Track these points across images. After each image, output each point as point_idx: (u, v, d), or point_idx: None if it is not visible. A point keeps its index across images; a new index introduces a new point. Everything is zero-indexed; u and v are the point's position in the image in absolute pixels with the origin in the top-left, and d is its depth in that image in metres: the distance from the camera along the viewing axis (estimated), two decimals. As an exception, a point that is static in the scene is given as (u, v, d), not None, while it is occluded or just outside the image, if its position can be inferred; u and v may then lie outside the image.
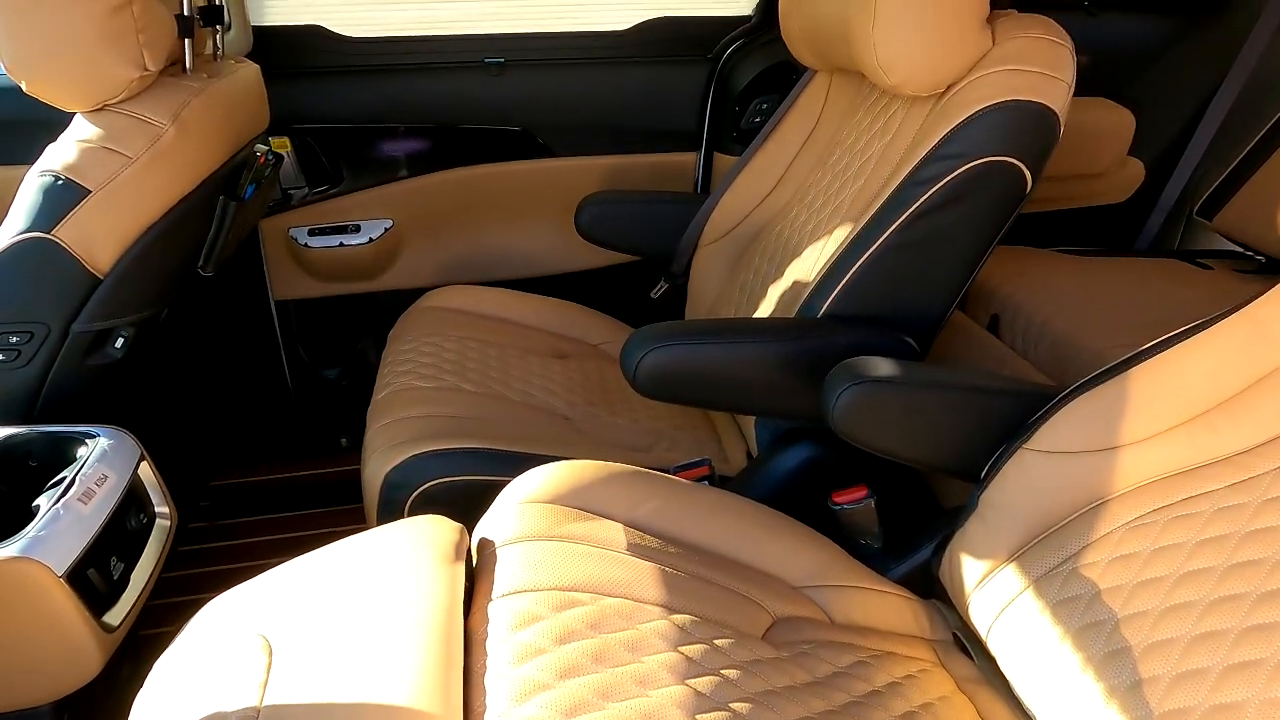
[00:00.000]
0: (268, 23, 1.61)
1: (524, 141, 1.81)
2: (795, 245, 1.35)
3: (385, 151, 1.75)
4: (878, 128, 1.27)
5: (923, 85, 1.10)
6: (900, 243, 1.09)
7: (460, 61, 1.72)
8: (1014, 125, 1.04)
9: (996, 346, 1.53)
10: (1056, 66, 1.06)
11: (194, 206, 1.14)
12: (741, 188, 1.52)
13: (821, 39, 1.30)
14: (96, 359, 1.13)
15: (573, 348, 1.59)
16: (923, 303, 1.14)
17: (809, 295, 1.15)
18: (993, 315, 1.62)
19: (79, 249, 1.04)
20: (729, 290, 1.50)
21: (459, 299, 1.60)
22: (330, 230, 1.77)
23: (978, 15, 1.06)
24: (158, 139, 1.05)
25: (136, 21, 1.01)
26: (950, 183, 1.06)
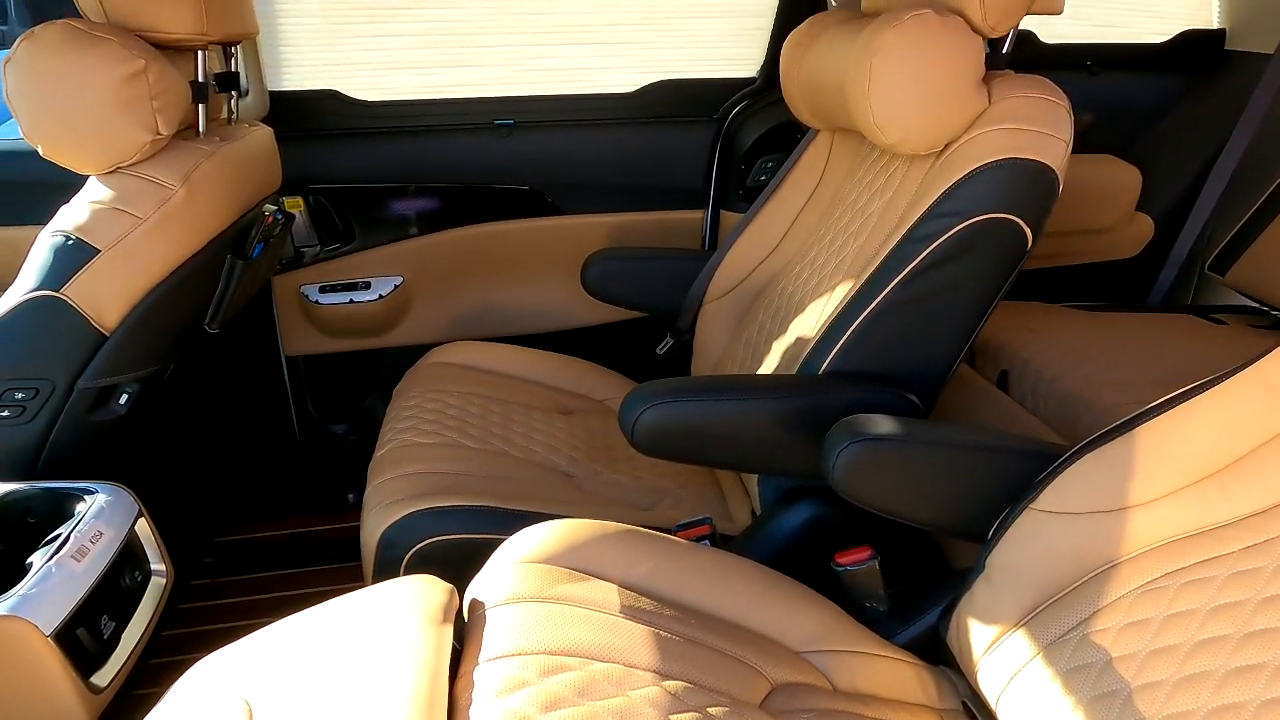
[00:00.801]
0: (285, 87, 1.66)
1: (533, 200, 1.84)
2: (799, 301, 1.35)
3: (396, 210, 1.79)
4: (879, 185, 1.28)
5: (919, 145, 1.10)
6: (900, 299, 1.09)
7: (471, 123, 1.76)
8: (1012, 183, 1.04)
9: (1005, 403, 1.51)
10: (1053, 125, 1.06)
11: (202, 265, 1.16)
12: (746, 245, 1.53)
13: (820, 100, 1.32)
14: (100, 415, 1.14)
15: (577, 403, 1.58)
16: (925, 360, 1.13)
17: (809, 352, 1.14)
18: (1002, 371, 1.60)
19: (87, 307, 1.06)
20: (734, 346, 1.49)
21: (465, 355, 1.60)
22: (341, 287, 1.80)
23: (972, 76, 1.07)
24: (167, 200, 1.08)
25: (151, 88, 1.05)
26: (949, 240, 1.06)
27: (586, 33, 1.73)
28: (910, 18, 1.05)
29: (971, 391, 1.57)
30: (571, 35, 1.72)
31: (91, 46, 1.01)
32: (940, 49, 1.05)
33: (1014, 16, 1.09)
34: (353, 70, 1.68)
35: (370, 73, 1.68)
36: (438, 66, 1.70)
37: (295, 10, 1.58)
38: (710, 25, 1.78)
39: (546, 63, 1.75)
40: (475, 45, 1.69)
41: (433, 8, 1.63)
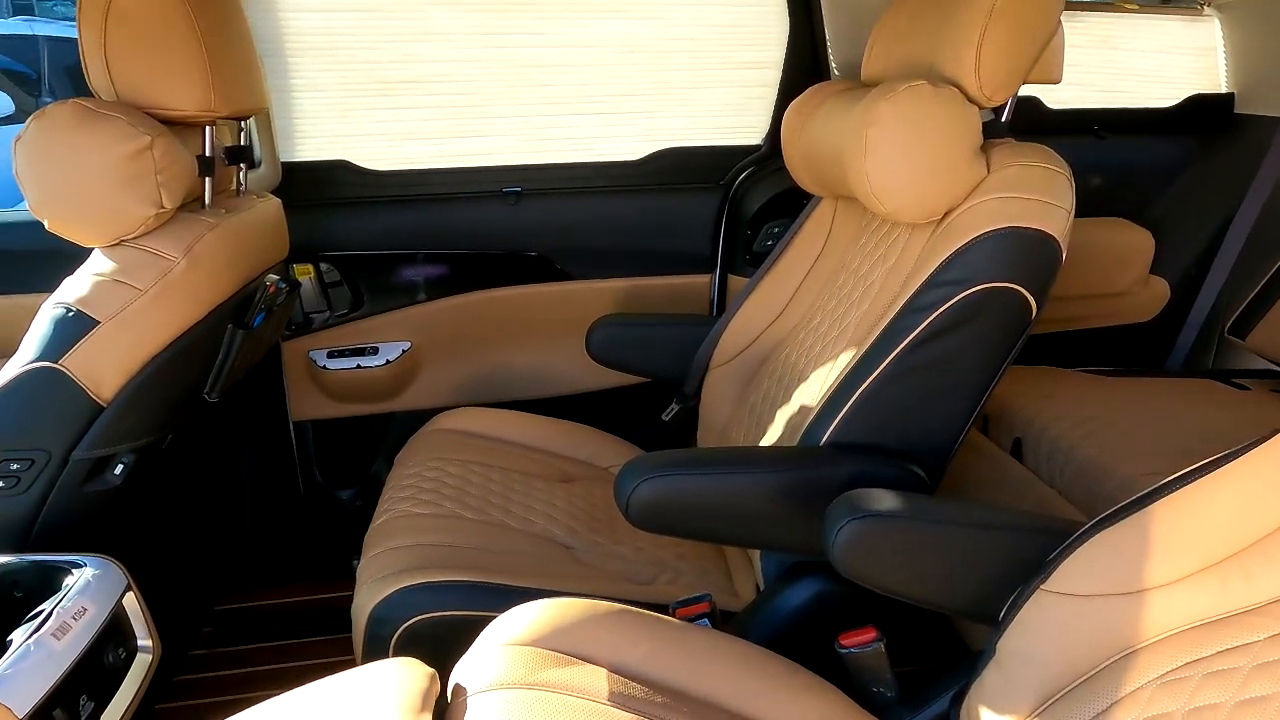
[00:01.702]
0: (298, 158, 1.70)
1: (541, 266, 1.85)
2: (802, 369, 1.33)
3: (405, 276, 1.80)
4: (880, 252, 1.27)
5: (916, 214, 1.10)
6: (903, 369, 1.07)
7: (480, 191, 1.79)
8: (1012, 251, 1.03)
9: (1020, 472, 1.47)
10: (1053, 193, 1.05)
11: (202, 335, 1.16)
12: (750, 311, 1.52)
13: (821, 168, 1.33)
14: (95, 485, 1.13)
15: (580, 471, 1.56)
16: (930, 431, 1.10)
17: (811, 423, 1.12)
18: (1016, 439, 1.56)
19: (84, 378, 1.06)
20: (739, 413, 1.47)
21: (468, 421, 1.59)
22: (349, 352, 1.80)
23: (969, 146, 1.07)
24: (168, 271, 1.09)
25: (156, 164, 1.07)
26: (950, 309, 1.04)
27: (593, 102, 1.76)
28: (905, 89, 1.06)
29: (984, 460, 1.53)
30: (579, 105, 1.75)
31: (98, 124, 1.03)
32: (935, 120, 1.05)
33: (1010, 87, 1.09)
34: (365, 140, 1.71)
35: (382, 143, 1.72)
36: (448, 136, 1.73)
37: (310, 84, 1.63)
38: (715, 94, 1.80)
39: (554, 132, 1.77)
40: (485, 115, 1.73)
41: (444, 80, 1.67)
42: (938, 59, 1.11)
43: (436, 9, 1.60)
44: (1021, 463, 1.52)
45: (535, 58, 1.68)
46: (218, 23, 1.16)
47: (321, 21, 1.57)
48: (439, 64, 1.65)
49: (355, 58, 1.62)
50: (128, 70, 1.10)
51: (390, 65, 1.64)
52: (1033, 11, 1.05)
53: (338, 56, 1.61)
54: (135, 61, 1.09)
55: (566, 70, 1.71)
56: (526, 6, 1.63)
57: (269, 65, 1.58)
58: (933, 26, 1.14)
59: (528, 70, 1.69)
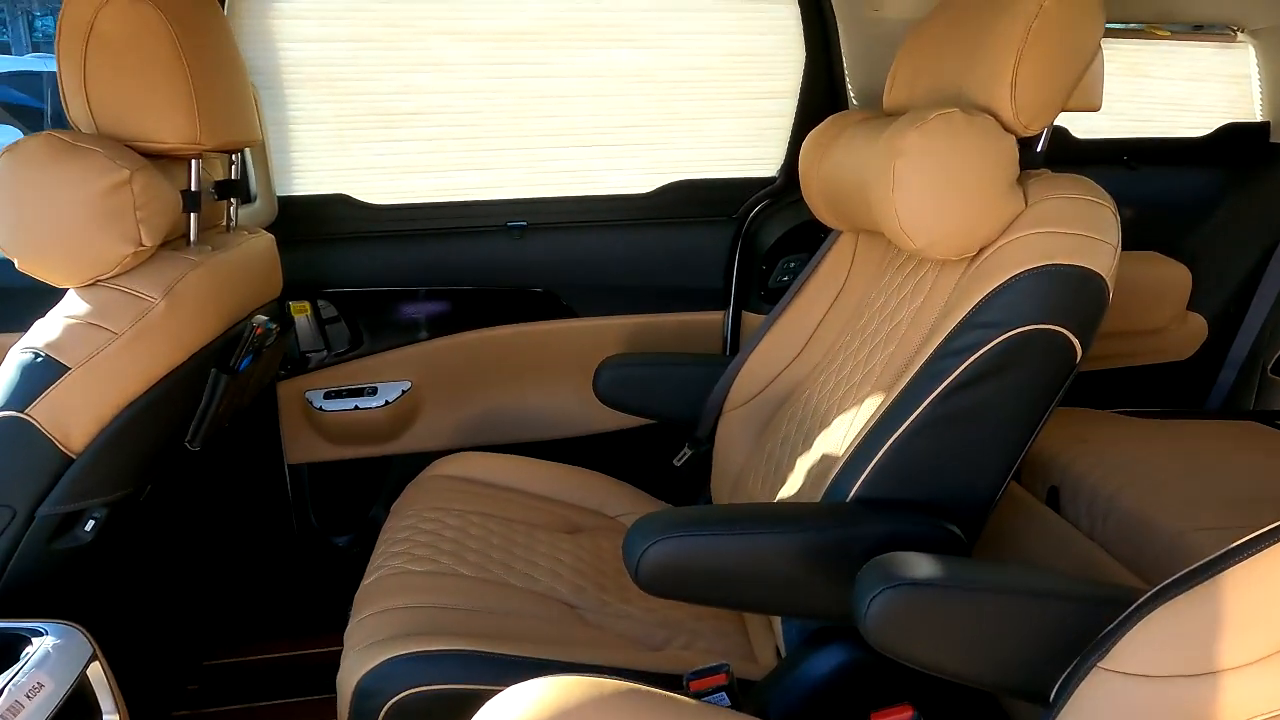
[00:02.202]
0: (296, 192, 1.64)
1: (547, 303, 1.78)
2: (824, 414, 1.24)
3: (406, 314, 1.73)
4: (907, 291, 1.19)
5: (949, 250, 1.02)
6: (936, 418, 0.98)
7: (483, 226, 1.72)
8: (1055, 291, 0.94)
9: (1057, 523, 1.37)
10: (1097, 227, 0.97)
11: (183, 380, 1.09)
12: (767, 350, 1.44)
13: (842, 202, 1.25)
14: (63, 543, 1.05)
15: (587, 520, 1.47)
16: (967, 485, 1.01)
17: (836, 476, 1.03)
18: (1051, 487, 1.46)
19: (52, 428, 0.99)
20: (756, 459, 1.38)
21: (468, 466, 1.51)
22: (346, 393, 1.73)
23: (1006, 177, 0.99)
24: (146, 313, 1.02)
25: (135, 199, 1.00)
26: (988, 353, 0.96)
27: (601, 134, 1.70)
28: (935, 117, 0.98)
29: (1018, 510, 1.43)
30: (586, 136, 1.69)
31: (73, 158, 0.97)
32: (969, 150, 0.97)
33: (1048, 114, 1.01)
34: (365, 174, 1.65)
35: (382, 176, 1.66)
36: (450, 169, 1.68)
37: (308, 116, 1.57)
38: (728, 125, 1.74)
39: (560, 164, 1.71)
40: (488, 148, 1.67)
41: (446, 111, 1.62)
42: (969, 85, 1.04)
43: (438, 39, 1.55)
44: (1058, 512, 1.42)
45: (540, 88, 1.63)
46: (206, 52, 1.10)
47: (320, 52, 1.52)
48: (441, 95, 1.60)
49: (355, 89, 1.56)
50: (108, 101, 1.04)
51: (391, 97, 1.58)
52: (1072, 33, 0.98)
53: (337, 88, 1.56)
54: (116, 92, 1.03)
55: (573, 101, 1.65)
56: (531, 36, 1.58)
57: (266, 97, 1.53)
58: (963, 51, 1.07)
59: (532, 101, 1.64)
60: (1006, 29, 0.98)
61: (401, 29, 1.52)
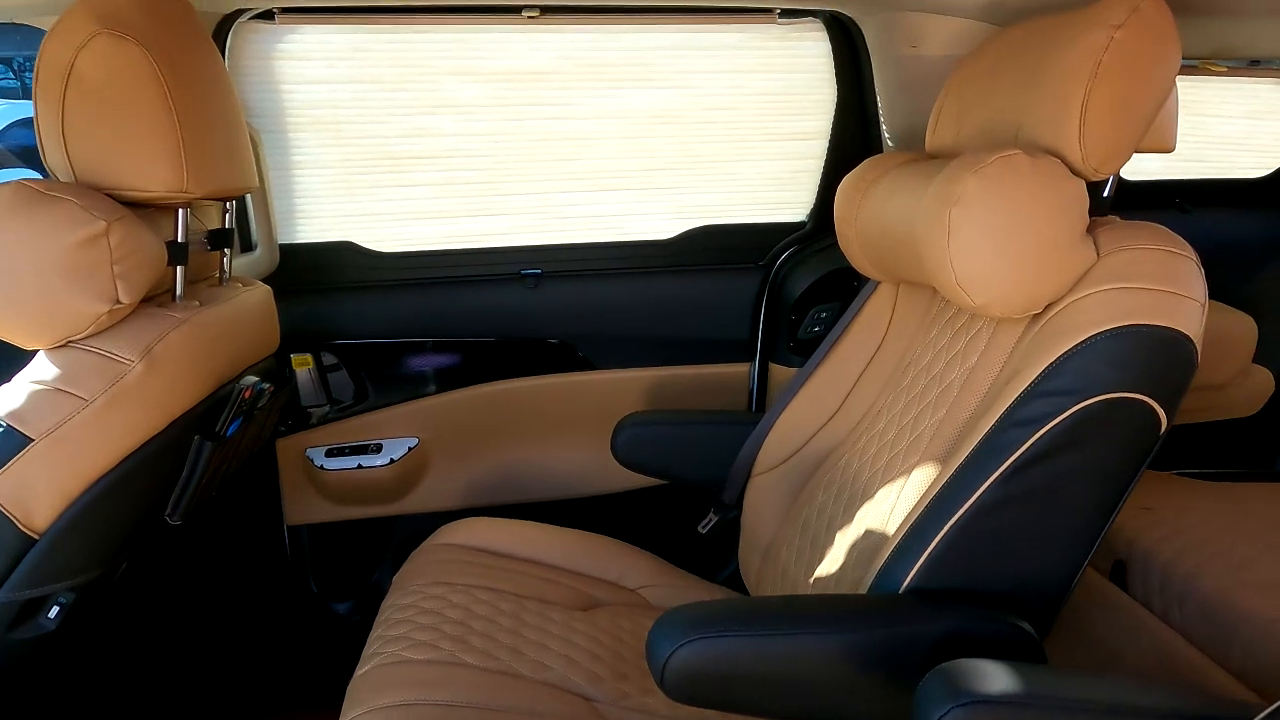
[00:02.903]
0: (299, 240, 1.56)
1: (562, 354, 1.68)
2: (866, 483, 1.13)
3: (413, 367, 1.64)
4: (958, 349, 1.08)
5: (1012, 307, 0.91)
6: (1002, 498, 0.86)
7: (496, 274, 1.63)
8: (1137, 355, 0.83)
9: (1126, 605, 1.24)
10: (1182, 282, 0.86)
11: (162, 449, 0.99)
12: (800, 408, 1.33)
13: (885, 252, 1.15)
14: (24, 632, 0.95)
15: (605, 593, 1.35)
16: (1038, 574, 0.89)
17: (887, 562, 0.91)
18: (1116, 561, 1.33)
19: (12, 506, 0.89)
20: (788, 530, 1.26)
21: (476, 533, 1.40)
22: (349, 450, 1.63)
23: (1074, 226, 0.89)
24: (120, 377, 0.92)
25: (113, 252, 0.91)
26: (1060, 425, 0.84)
27: (621, 178, 1.61)
28: (996, 160, 0.88)
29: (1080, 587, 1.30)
30: (604, 181, 1.61)
31: (44, 208, 0.89)
32: (1034, 196, 0.87)
33: (1120, 156, 0.91)
34: (372, 220, 1.57)
35: (390, 222, 1.58)
36: (461, 215, 1.59)
37: (312, 161, 1.50)
38: (754, 168, 1.65)
39: (577, 209, 1.62)
40: (501, 193, 1.58)
41: (457, 155, 1.54)
42: (1029, 124, 0.94)
43: (449, 79, 1.47)
44: (1125, 590, 1.29)
45: (556, 130, 1.54)
46: (197, 94, 1.02)
47: (326, 94, 1.44)
48: (452, 138, 1.52)
49: (362, 132, 1.49)
50: (87, 146, 0.96)
51: (399, 140, 1.51)
52: (1147, 66, 0.88)
53: (343, 131, 1.48)
54: (96, 137, 0.95)
55: (591, 143, 1.57)
56: (546, 76, 1.50)
57: (269, 141, 1.46)
58: (1020, 87, 0.97)
59: (548, 143, 1.55)
60: (1073, 62, 0.89)
61: (411, 69, 1.45)
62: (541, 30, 1.46)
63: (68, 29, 0.94)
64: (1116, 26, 0.87)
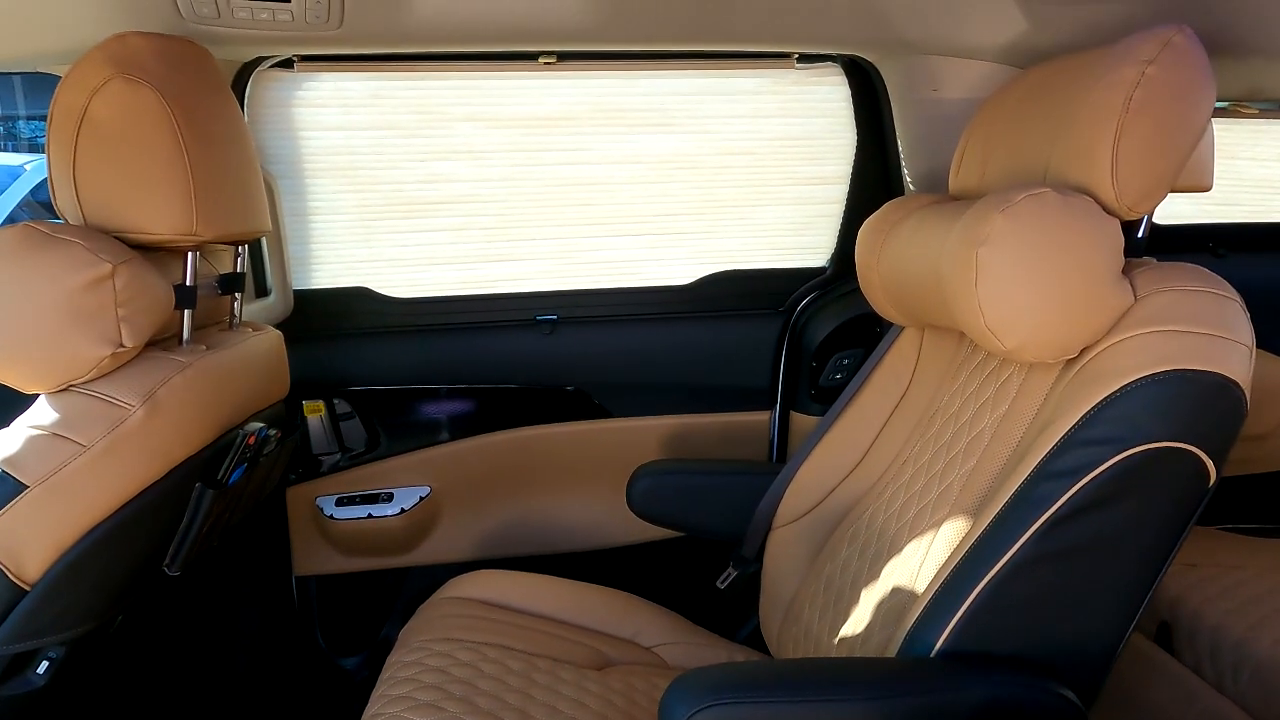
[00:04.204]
0: (313, 285, 1.55)
1: (578, 402, 1.64)
2: (893, 538, 1.07)
3: (426, 414, 1.61)
4: (988, 396, 1.03)
5: (1045, 352, 0.86)
6: (1039, 556, 0.81)
7: (511, 320, 1.61)
8: (1182, 402, 0.78)
9: (1175, 671, 1.16)
10: (1228, 325, 0.81)
11: (162, 497, 0.96)
12: (822, 459, 1.28)
13: (909, 296, 1.11)
14: (11, 688, 0.91)
15: (619, 652, 1.29)
16: (1080, 637, 0.82)
17: (917, 622, 0.85)
18: (1161, 623, 1.25)
19: (3, 555, 0.86)
20: (811, 585, 1.21)
21: (487, 586, 1.35)
22: (360, 499, 1.59)
23: (1110, 266, 0.84)
24: (120, 422, 0.90)
25: (118, 296, 0.90)
26: (1101, 477, 0.79)
27: (638, 223, 1.59)
28: (1025, 198, 0.84)
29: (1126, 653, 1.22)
30: (621, 226, 1.59)
31: (48, 250, 0.87)
32: (1066, 234, 0.83)
33: (1156, 195, 0.87)
34: (387, 266, 1.56)
35: (406, 268, 1.56)
36: (477, 260, 1.58)
37: (329, 206, 1.49)
38: (774, 212, 1.62)
39: (594, 255, 1.60)
40: (517, 238, 1.57)
41: (473, 200, 1.53)
42: (1059, 163, 0.91)
43: (465, 125, 1.47)
44: (1173, 655, 1.21)
45: (573, 175, 1.53)
46: (211, 138, 1.02)
47: (343, 140, 1.44)
48: (468, 183, 1.51)
49: (378, 178, 1.49)
50: (97, 189, 0.95)
51: (416, 185, 1.50)
52: (1181, 102, 0.84)
53: (359, 177, 1.48)
54: (106, 180, 0.95)
55: (608, 188, 1.55)
56: (562, 122, 1.49)
57: (285, 187, 1.46)
58: (1048, 125, 0.94)
59: (564, 189, 1.54)
60: (1103, 99, 0.85)
61: (427, 116, 1.45)
62: (558, 76, 1.46)
63: (83, 73, 0.95)
64: (1148, 62, 0.84)
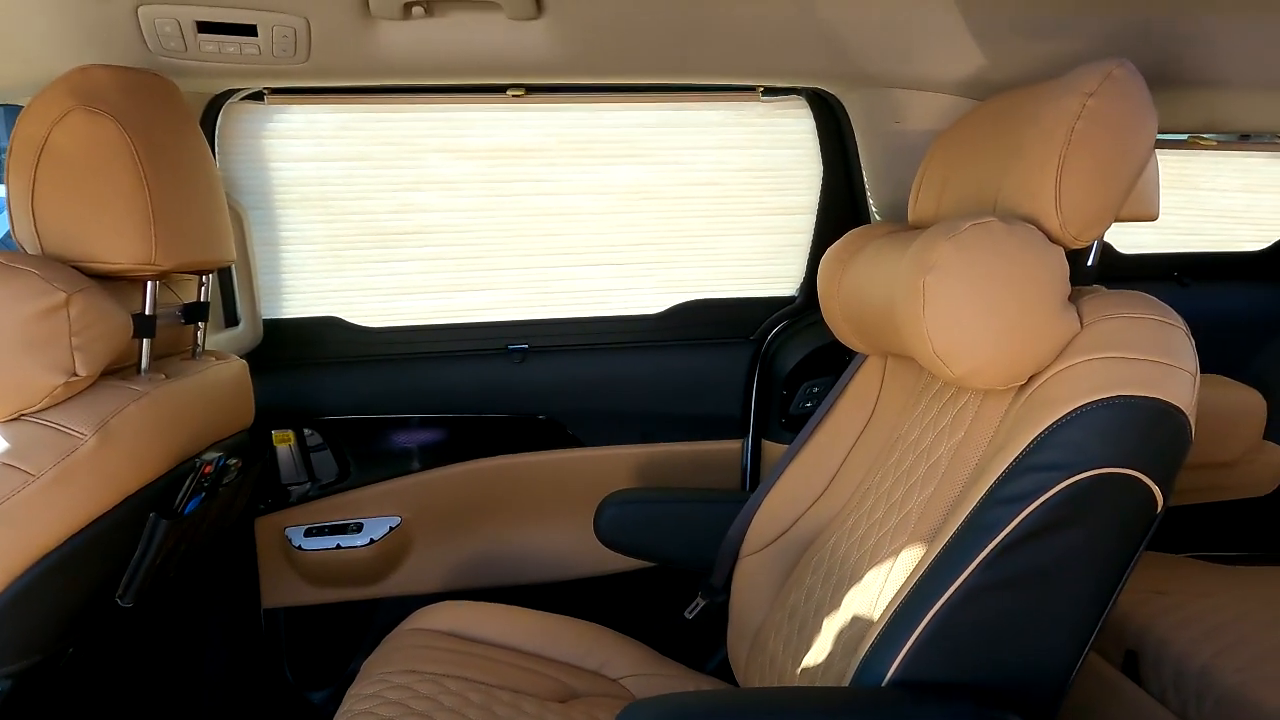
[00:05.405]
0: (284, 315, 1.55)
1: (550, 431, 1.64)
2: (854, 566, 1.07)
3: (397, 443, 1.60)
4: (945, 423, 1.04)
5: (994, 379, 0.87)
6: (989, 582, 0.81)
7: (481, 349, 1.62)
8: (1128, 427, 0.79)
9: (1140, 700, 1.15)
10: (1172, 352, 0.82)
11: (115, 526, 0.96)
12: (788, 486, 1.28)
13: (867, 324, 1.12)
14: (-47, 723, 0.90)
15: (584, 684, 1.28)
16: (1031, 664, 0.82)
17: (869, 651, 0.85)
18: (1128, 651, 1.24)
19: (-53, 586, 0.85)
20: (777, 615, 1.20)
21: (453, 618, 1.34)
22: (328, 530, 1.58)
23: (1055, 293, 0.85)
24: (72, 451, 0.90)
25: (72, 325, 0.90)
26: (1048, 502, 0.79)
27: (608, 253, 1.61)
28: (970, 227, 0.86)
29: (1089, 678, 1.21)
30: (591, 255, 1.60)
31: (2, 279, 0.88)
32: (1011, 262, 0.84)
33: (1100, 224, 0.88)
34: (358, 296, 1.56)
35: (376, 298, 1.57)
36: (447, 290, 1.58)
37: (299, 236, 1.50)
38: (743, 242, 1.64)
39: (564, 284, 1.61)
40: (488, 268, 1.58)
41: (444, 230, 1.54)
42: (1007, 192, 0.92)
43: (436, 156, 1.49)
44: (1138, 683, 1.20)
45: (542, 206, 1.55)
46: (172, 170, 1.03)
47: (314, 171, 1.46)
48: (438, 213, 1.53)
49: (349, 208, 1.50)
50: (56, 219, 0.95)
51: (387, 216, 1.51)
52: (1121, 133, 0.86)
53: (330, 207, 1.49)
54: (65, 209, 0.95)
55: (578, 219, 1.57)
56: (532, 153, 1.51)
57: (256, 217, 1.47)
58: (998, 155, 0.96)
59: (534, 219, 1.56)
60: (1047, 130, 0.87)
61: (398, 147, 1.47)
62: (527, 109, 1.48)
63: (45, 104, 0.96)
64: (1089, 94, 0.86)
